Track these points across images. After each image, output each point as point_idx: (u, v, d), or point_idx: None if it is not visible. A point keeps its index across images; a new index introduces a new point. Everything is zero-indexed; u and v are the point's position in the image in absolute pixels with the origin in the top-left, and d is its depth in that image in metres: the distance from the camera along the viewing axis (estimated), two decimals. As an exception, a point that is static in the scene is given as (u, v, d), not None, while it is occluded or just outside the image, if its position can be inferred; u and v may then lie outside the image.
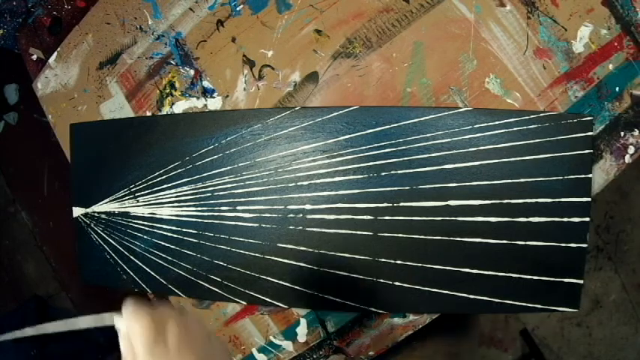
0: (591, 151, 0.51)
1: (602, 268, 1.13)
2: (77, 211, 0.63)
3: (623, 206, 1.14)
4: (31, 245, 0.64)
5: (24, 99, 0.77)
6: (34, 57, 0.69)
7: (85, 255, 0.64)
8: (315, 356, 0.61)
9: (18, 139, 0.76)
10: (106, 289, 0.63)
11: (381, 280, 0.54)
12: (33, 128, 0.75)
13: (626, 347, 1.13)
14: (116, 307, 0.31)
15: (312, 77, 0.57)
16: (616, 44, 0.51)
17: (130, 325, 0.29)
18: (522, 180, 0.52)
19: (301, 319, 0.60)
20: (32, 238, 0.63)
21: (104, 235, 0.62)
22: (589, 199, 0.51)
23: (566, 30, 0.52)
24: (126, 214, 0.61)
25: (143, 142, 0.59)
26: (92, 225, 0.63)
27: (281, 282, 0.57)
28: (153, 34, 0.62)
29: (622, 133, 0.52)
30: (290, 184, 0.55)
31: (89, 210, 0.63)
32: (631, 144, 0.52)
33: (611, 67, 0.52)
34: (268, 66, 0.58)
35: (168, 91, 0.62)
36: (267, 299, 0.58)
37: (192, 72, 0.60)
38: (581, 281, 0.52)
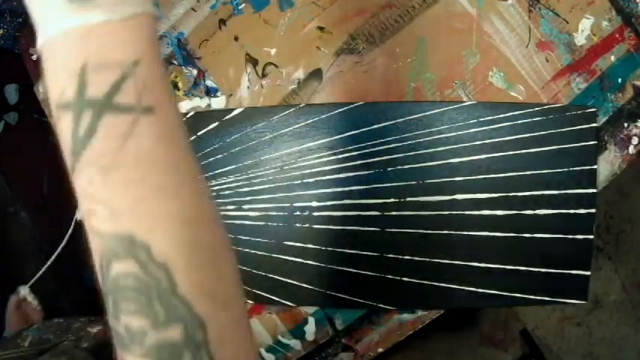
0: (595, 142, 0.51)
1: (602, 268, 1.14)
2: (81, 214, 0.63)
3: (623, 206, 1.15)
4: (31, 245, 0.63)
5: (24, 99, 0.76)
6: (34, 57, 0.68)
7: (89, 258, 0.63)
8: (323, 354, 0.61)
9: (18, 139, 0.75)
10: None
11: (389, 276, 0.54)
12: (33, 128, 0.75)
13: (626, 347, 1.13)
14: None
15: (315, 74, 0.57)
16: (617, 36, 0.52)
17: None
18: (528, 172, 0.52)
19: (309, 317, 0.60)
20: (32, 238, 0.62)
21: (109, 238, 0.62)
22: (594, 190, 0.51)
23: (567, 22, 0.52)
24: (130, 216, 0.61)
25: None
26: (96, 227, 0.62)
27: (288, 280, 0.57)
28: (154, 34, 0.62)
29: (625, 124, 0.53)
30: (296, 182, 0.55)
31: (93, 212, 0.62)
32: (635, 135, 0.53)
33: (612, 58, 0.52)
34: (272, 64, 0.58)
35: (171, 91, 0.61)
36: (274, 298, 0.57)
37: (195, 71, 0.60)
38: (589, 273, 0.52)
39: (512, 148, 0.52)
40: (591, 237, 0.51)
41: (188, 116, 0.58)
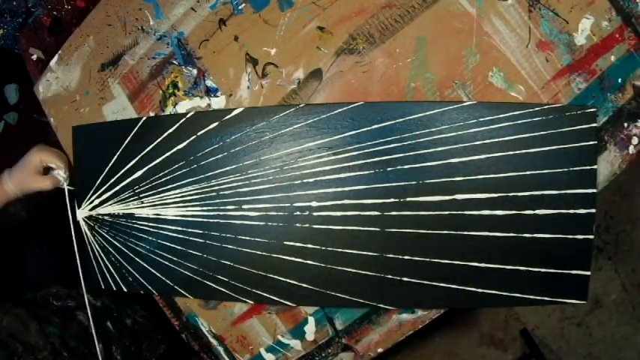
0: (595, 142, 0.51)
1: (602, 268, 1.14)
2: (81, 214, 0.63)
3: (623, 206, 1.15)
4: (31, 245, 0.63)
5: (24, 99, 0.77)
6: (34, 57, 0.68)
7: (88, 258, 0.63)
8: (323, 354, 0.61)
9: (18, 139, 0.75)
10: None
11: (389, 276, 0.54)
12: (33, 128, 0.75)
13: (626, 347, 1.13)
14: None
15: (315, 74, 0.57)
16: (617, 36, 0.52)
17: None
18: (528, 172, 0.52)
19: (309, 317, 0.60)
20: (32, 238, 0.62)
21: (109, 237, 0.62)
22: (594, 190, 0.51)
23: (567, 22, 0.52)
24: (130, 216, 0.61)
25: (146, 143, 0.59)
26: (96, 227, 0.62)
27: (288, 280, 0.57)
28: (155, 34, 0.62)
29: (625, 124, 0.52)
30: (296, 182, 0.55)
31: (93, 212, 0.62)
32: (634, 135, 0.53)
33: (612, 58, 0.52)
34: (272, 64, 0.58)
35: (171, 91, 0.61)
36: (274, 298, 0.57)
37: (195, 71, 0.60)
38: (588, 273, 0.52)
39: (512, 148, 0.52)
40: (591, 237, 0.51)
41: (188, 116, 0.58)
